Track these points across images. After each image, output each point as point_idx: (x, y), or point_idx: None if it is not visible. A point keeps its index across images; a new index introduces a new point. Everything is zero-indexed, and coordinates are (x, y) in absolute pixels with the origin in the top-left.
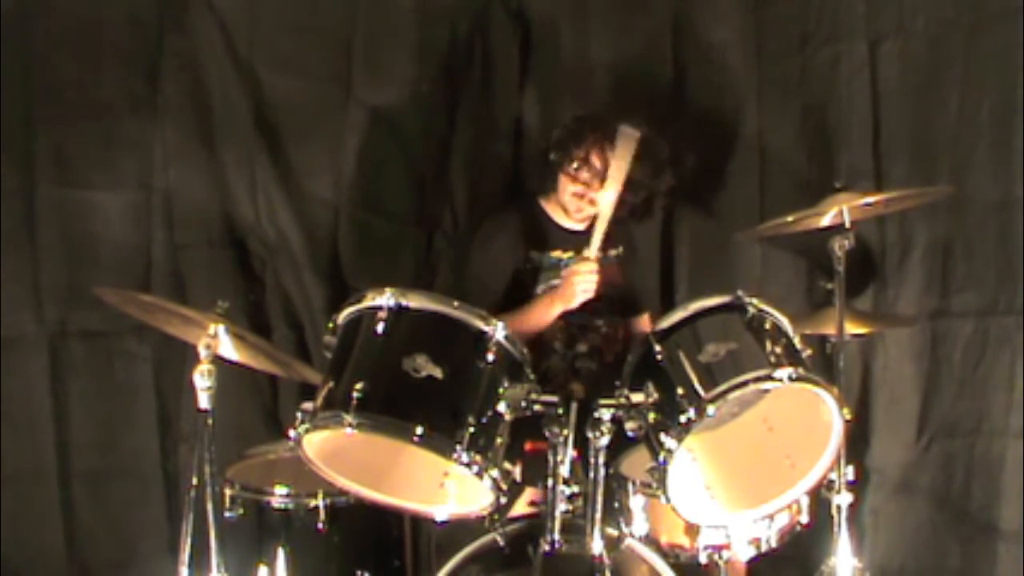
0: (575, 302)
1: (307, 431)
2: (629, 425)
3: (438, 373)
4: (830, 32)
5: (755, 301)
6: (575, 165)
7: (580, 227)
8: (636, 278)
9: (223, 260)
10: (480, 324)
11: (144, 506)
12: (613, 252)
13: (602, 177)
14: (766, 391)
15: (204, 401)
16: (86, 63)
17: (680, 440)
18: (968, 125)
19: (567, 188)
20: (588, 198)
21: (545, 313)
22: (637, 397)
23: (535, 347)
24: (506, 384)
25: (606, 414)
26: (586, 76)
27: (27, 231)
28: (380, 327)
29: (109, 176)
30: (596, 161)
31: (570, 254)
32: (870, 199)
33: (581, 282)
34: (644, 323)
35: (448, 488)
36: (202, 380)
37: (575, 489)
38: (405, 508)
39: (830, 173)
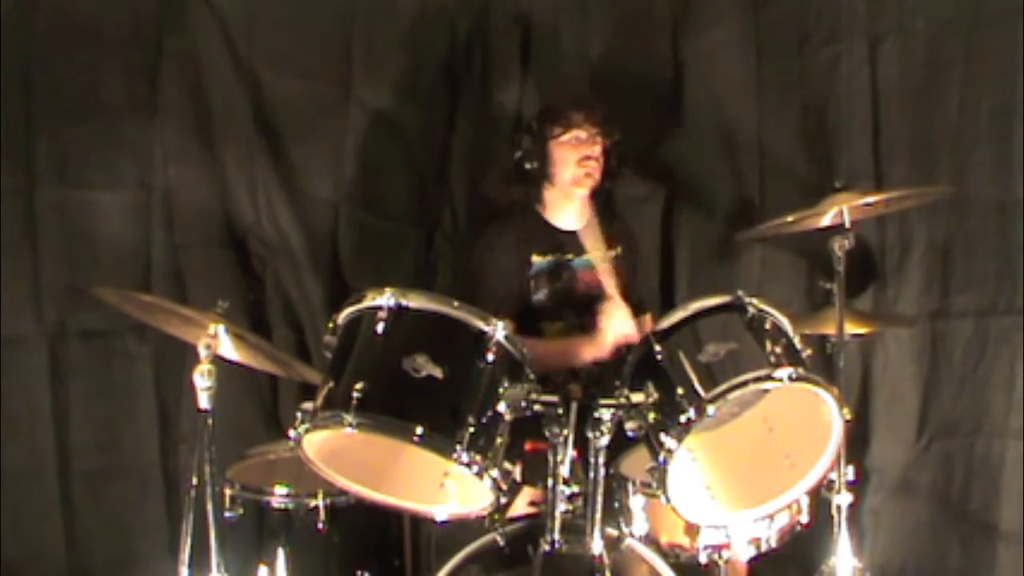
0: (607, 350)
1: (307, 431)
2: (629, 425)
3: (438, 373)
4: (830, 32)
5: (755, 301)
6: (563, 131)
7: (576, 227)
8: (638, 277)
9: (223, 260)
10: (480, 324)
11: (144, 506)
12: (613, 252)
13: (591, 131)
14: (766, 391)
15: (204, 401)
16: (86, 63)
17: (680, 440)
18: (968, 125)
19: (565, 159)
20: (589, 158)
21: (573, 358)
22: (637, 397)
23: None
24: (506, 384)
25: (606, 414)
26: (586, 76)
27: (27, 231)
28: (380, 327)
29: (109, 176)
30: (580, 117)
31: (570, 255)
32: (870, 199)
33: (614, 329)
34: (646, 324)
35: (448, 488)
36: (202, 380)
37: (575, 489)
38: (405, 508)
39: (830, 173)
